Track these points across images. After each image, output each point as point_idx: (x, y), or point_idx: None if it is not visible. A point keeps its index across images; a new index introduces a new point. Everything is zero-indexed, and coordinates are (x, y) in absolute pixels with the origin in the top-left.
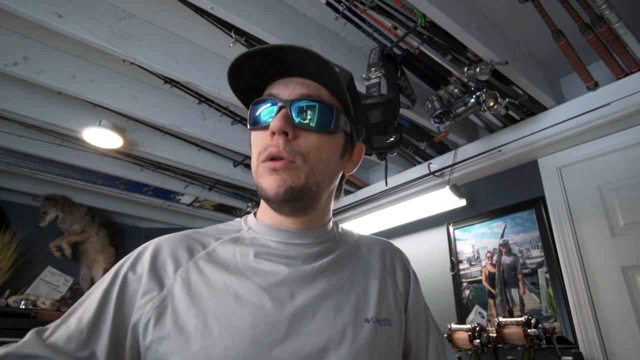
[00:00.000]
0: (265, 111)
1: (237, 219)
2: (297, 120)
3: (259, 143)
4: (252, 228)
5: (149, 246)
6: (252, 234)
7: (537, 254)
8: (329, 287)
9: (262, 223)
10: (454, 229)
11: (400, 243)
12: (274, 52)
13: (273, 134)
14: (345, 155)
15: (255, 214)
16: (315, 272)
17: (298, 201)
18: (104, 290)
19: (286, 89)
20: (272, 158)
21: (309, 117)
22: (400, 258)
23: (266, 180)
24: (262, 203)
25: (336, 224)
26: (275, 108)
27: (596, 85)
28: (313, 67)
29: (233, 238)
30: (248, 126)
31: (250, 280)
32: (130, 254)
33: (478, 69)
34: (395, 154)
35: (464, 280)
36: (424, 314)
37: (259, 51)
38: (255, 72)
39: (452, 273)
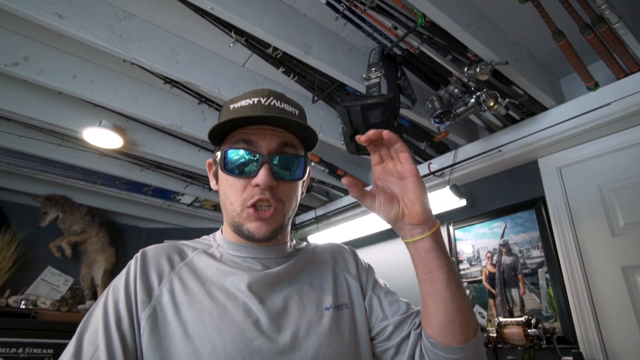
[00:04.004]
0: (246, 162)
1: (206, 237)
2: (278, 175)
3: (238, 188)
4: (220, 245)
5: (137, 261)
6: (220, 251)
7: (537, 254)
8: (291, 290)
9: (229, 241)
10: (454, 229)
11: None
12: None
13: (257, 185)
14: (304, 181)
15: (222, 231)
16: (278, 276)
17: (276, 235)
18: (104, 324)
19: (263, 138)
20: (258, 204)
21: (287, 171)
22: (349, 253)
23: (253, 225)
24: (229, 227)
25: (294, 240)
26: (258, 163)
27: (596, 85)
28: (282, 120)
29: (206, 252)
30: (220, 168)
31: (222, 291)
32: (122, 273)
33: (478, 69)
34: None
35: (464, 280)
36: (373, 287)
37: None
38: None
39: None
